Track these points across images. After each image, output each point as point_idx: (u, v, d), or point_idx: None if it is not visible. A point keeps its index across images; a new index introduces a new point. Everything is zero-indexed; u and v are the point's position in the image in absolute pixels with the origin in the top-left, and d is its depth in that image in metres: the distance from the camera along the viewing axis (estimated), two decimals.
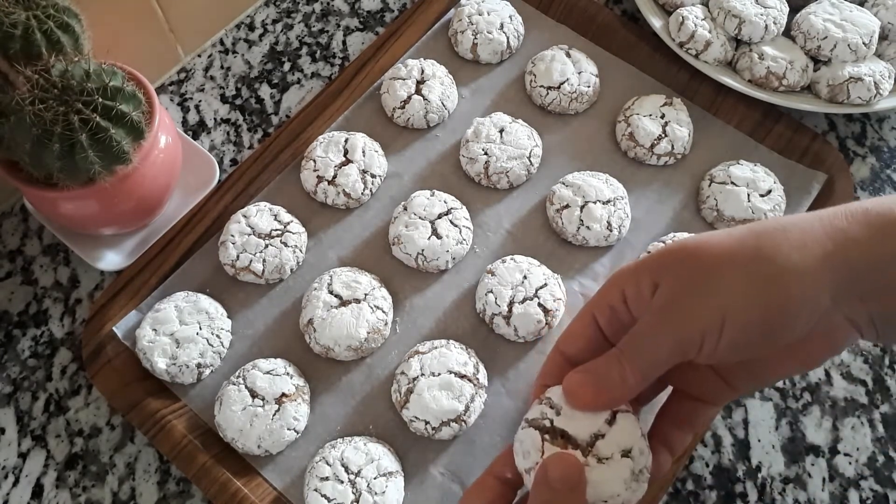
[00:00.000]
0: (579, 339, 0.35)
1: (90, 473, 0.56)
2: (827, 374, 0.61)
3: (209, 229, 0.62)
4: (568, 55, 0.70)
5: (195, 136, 0.71)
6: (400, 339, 0.59)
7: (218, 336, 0.57)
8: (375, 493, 0.50)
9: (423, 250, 0.60)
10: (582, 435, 0.32)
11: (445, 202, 0.62)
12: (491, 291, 0.58)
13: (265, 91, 0.74)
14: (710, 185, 0.64)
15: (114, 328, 0.58)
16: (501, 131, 0.65)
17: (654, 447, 0.36)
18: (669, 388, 0.40)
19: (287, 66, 0.75)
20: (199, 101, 0.73)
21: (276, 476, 0.54)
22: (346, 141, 0.64)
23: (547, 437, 0.32)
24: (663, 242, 0.61)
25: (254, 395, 0.54)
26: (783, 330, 0.31)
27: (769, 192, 0.63)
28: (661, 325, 0.32)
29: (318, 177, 0.63)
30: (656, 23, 0.72)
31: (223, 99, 0.73)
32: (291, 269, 0.61)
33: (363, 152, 0.64)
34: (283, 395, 0.54)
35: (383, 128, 0.68)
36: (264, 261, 0.59)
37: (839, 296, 0.31)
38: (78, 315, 0.62)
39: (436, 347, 0.56)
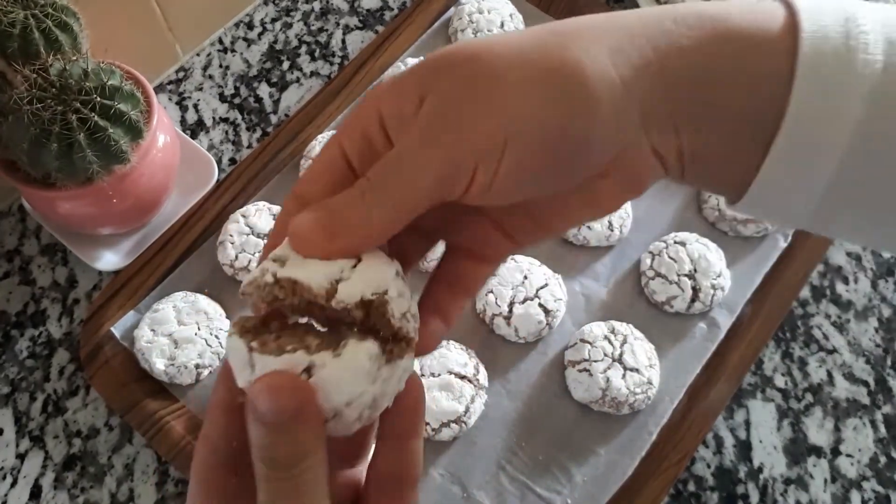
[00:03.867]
0: (322, 176, 0.26)
1: (88, 474, 0.56)
2: (829, 374, 0.61)
3: (208, 229, 0.62)
4: None
5: (194, 136, 0.70)
6: None
7: (216, 336, 0.57)
8: None
9: None
10: (315, 284, 0.24)
11: None
12: (491, 291, 0.58)
13: (264, 90, 0.73)
14: None
15: (112, 328, 0.57)
16: None
17: (425, 317, 0.28)
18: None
19: (286, 65, 0.75)
20: (198, 100, 0.72)
21: None
22: None
23: (255, 345, 0.24)
24: (665, 242, 0.61)
25: None
26: (581, 158, 0.24)
27: None
28: (424, 147, 0.24)
29: None
30: None
31: (222, 98, 0.73)
32: None
33: None
34: None
35: None
36: None
37: (651, 119, 0.24)
38: (76, 315, 0.62)
39: None
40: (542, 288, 0.58)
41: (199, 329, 0.56)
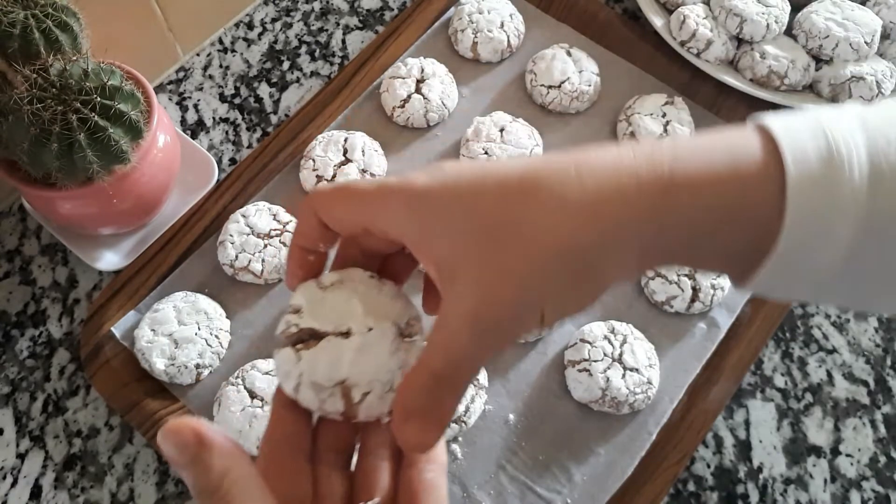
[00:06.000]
0: (311, 234, 0.34)
1: (89, 474, 0.56)
2: (829, 374, 0.61)
3: (208, 229, 0.62)
4: (569, 54, 0.69)
5: (194, 136, 0.71)
6: None
7: (217, 336, 0.57)
8: None
9: None
10: (329, 326, 0.30)
11: None
12: None
13: (264, 90, 0.73)
14: None
15: (112, 328, 0.58)
16: (502, 130, 0.65)
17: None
18: None
19: (286, 65, 0.75)
20: (198, 100, 0.72)
21: None
22: (345, 140, 0.64)
23: (300, 346, 0.30)
24: None
25: (253, 395, 0.53)
26: (594, 304, 0.28)
27: None
28: (478, 341, 0.26)
29: (317, 176, 0.63)
30: (657, 21, 0.71)
31: (222, 98, 0.73)
32: None
33: (363, 151, 0.64)
34: None
35: (383, 127, 0.68)
36: (263, 261, 0.59)
37: (647, 259, 0.27)
38: (76, 315, 0.62)
39: None
40: None
41: (199, 329, 0.56)
